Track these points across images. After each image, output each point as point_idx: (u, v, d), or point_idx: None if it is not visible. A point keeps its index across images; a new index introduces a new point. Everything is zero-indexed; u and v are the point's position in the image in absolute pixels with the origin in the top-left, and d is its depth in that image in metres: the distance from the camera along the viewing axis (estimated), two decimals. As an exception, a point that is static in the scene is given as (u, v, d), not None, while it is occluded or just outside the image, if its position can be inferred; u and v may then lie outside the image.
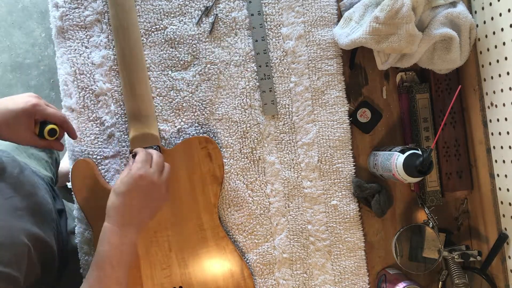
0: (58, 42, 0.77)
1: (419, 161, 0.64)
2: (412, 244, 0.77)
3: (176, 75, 0.78)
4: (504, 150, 0.71)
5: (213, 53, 0.78)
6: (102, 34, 0.77)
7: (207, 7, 0.77)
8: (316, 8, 0.78)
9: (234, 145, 0.78)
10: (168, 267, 0.74)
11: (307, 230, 0.79)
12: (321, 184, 0.79)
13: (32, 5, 1.52)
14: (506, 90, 0.69)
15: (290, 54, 0.78)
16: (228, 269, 0.75)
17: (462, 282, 0.73)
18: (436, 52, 0.74)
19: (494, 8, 0.70)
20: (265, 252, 0.79)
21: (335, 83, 0.79)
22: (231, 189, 0.78)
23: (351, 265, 0.79)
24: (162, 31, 0.77)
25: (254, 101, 0.78)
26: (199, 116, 0.78)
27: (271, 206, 0.79)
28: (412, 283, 0.73)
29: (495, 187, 0.75)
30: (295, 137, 0.79)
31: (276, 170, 0.79)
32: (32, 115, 0.64)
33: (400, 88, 0.80)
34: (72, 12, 0.76)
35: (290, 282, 0.79)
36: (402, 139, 0.81)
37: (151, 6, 0.77)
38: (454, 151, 0.78)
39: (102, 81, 0.76)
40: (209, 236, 0.75)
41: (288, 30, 0.78)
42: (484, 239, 0.78)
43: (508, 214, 0.72)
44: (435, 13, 0.72)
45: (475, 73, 0.76)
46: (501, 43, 0.68)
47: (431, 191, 0.78)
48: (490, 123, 0.74)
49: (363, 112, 0.79)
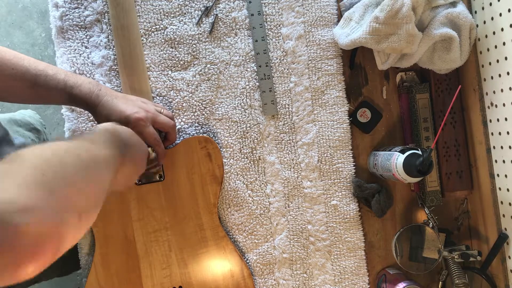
0: (58, 42, 0.77)
1: (419, 161, 0.64)
2: (412, 244, 0.77)
3: (176, 75, 0.78)
4: (504, 150, 0.71)
5: (213, 53, 0.78)
6: (102, 34, 0.77)
7: (207, 7, 0.77)
8: (316, 8, 0.78)
9: (234, 145, 0.78)
10: (167, 267, 0.74)
11: (307, 230, 0.79)
12: (321, 184, 0.79)
13: (32, 5, 1.52)
14: (506, 90, 0.69)
15: (290, 54, 0.78)
16: (228, 269, 0.75)
17: (462, 282, 0.73)
18: (436, 52, 0.74)
19: (494, 8, 0.70)
20: (265, 252, 0.79)
21: (335, 83, 0.79)
22: (231, 189, 0.78)
23: (351, 265, 0.79)
24: (162, 31, 0.77)
25: (254, 101, 0.78)
26: (199, 116, 0.78)
27: (271, 206, 0.79)
28: (412, 283, 0.73)
29: (495, 187, 0.75)
30: (295, 137, 0.79)
31: (276, 170, 0.79)
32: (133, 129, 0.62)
33: (400, 88, 0.80)
34: (72, 12, 0.76)
35: (290, 282, 0.79)
36: (402, 139, 0.81)
37: (151, 6, 0.77)
38: (454, 151, 0.78)
39: (102, 81, 0.76)
40: (208, 236, 0.75)
41: (288, 30, 0.78)
42: (484, 239, 0.78)
43: (508, 214, 0.72)
44: (435, 13, 0.72)
45: (475, 73, 0.76)
46: (501, 43, 0.68)
47: (431, 191, 0.78)
48: (490, 123, 0.74)
49: (363, 112, 0.79)
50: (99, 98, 0.65)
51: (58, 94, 0.64)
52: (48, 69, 0.63)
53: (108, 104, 0.65)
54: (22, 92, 0.63)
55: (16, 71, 0.61)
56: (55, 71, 0.64)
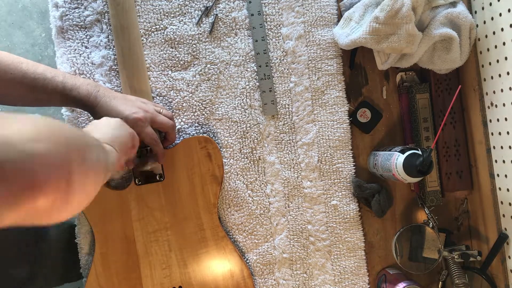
0: (58, 42, 0.77)
1: (419, 161, 0.64)
2: (412, 244, 0.77)
3: (176, 75, 0.78)
4: (504, 150, 0.71)
5: (213, 53, 0.78)
6: (102, 34, 0.77)
7: (207, 7, 0.77)
8: (316, 8, 0.78)
9: (234, 145, 0.78)
10: (167, 267, 0.74)
11: (307, 230, 0.79)
12: (321, 184, 0.79)
13: (32, 5, 1.52)
14: (506, 90, 0.69)
15: (290, 54, 0.78)
16: (228, 269, 0.75)
17: (462, 282, 0.73)
18: (436, 52, 0.74)
19: (494, 8, 0.70)
20: (265, 252, 0.78)
21: (335, 83, 0.79)
22: (231, 189, 0.78)
23: (351, 265, 0.79)
24: (162, 31, 0.77)
25: (254, 101, 0.78)
26: (199, 116, 0.78)
27: (271, 206, 0.79)
28: (412, 283, 0.73)
29: (495, 187, 0.75)
30: (295, 137, 0.79)
31: (276, 170, 0.79)
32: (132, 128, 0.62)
33: (400, 88, 0.80)
34: (72, 12, 0.76)
35: (290, 282, 0.79)
36: (402, 139, 0.81)
37: (151, 6, 0.77)
38: (454, 151, 0.78)
39: (102, 81, 0.76)
40: (208, 236, 0.75)
41: (288, 30, 0.78)
42: (484, 239, 0.78)
43: (508, 214, 0.72)
44: (435, 13, 0.72)
45: (475, 73, 0.76)
46: (501, 43, 0.68)
47: (431, 191, 0.78)
48: (490, 123, 0.74)
49: (363, 112, 0.79)
50: (97, 99, 0.65)
51: (57, 97, 0.64)
52: (47, 72, 0.63)
53: (106, 105, 0.65)
54: (22, 96, 0.63)
55: (14, 76, 0.61)
56: (53, 73, 0.64)
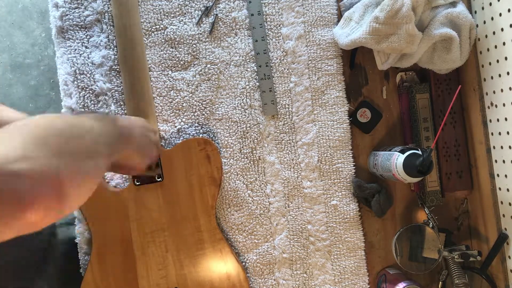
0: (58, 42, 0.77)
1: (419, 161, 0.64)
2: (412, 244, 0.77)
3: (176, 75, 0.78)
4: (504, 150, 0.71)
5: (213, 53, 0.78)
6: (102, 34, 0.77)
7: (207, 7, 0.77)
8: (316, 8, 0.78)
9: (234, 145, 0.78)
10: (164, 268, 0.74)
11: (307, 230, 0.79)
12: (321, 184, 0.79)
13: (32, 5, 1.52)
14: (506, 90, 0.69)
15: (290, 54, 0.78)
16: (224, 272, 0.75)
17: (462, 282, 0.73)
18: (436, 52, 0.74)
19: (494, 8, 0.70)
20: (265, 252, 0.78)
21: (335, 83, 0.79)
22: (231, 189, 0.78)
23: (351, 265, 0.79)
24: (162, 31, 0.77)
25: (254, 101, 0.78)
26: (199, 116, 0.78)
27: (271, 206, 0.79)
28: (412, 283, 0.73)
29: (495, 187, 0.75)
30: (295, 137, 0.79)
31: (276, 170, 0.79)
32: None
33: (400, 88, 0.80)
34: (72, 12, 0.76)
35: (290, 282, 0.79)
36: (402, 139, 0.81)
37: (151, 6, 0.77)
38: (454, 151, 0.78)
39: (102, 81, 0.76)
40: (205, 238, 0.75)
41: (288, 30, 0.78)
42: (484, 239, 0.78)
43: (508, 214, 0.72)
44: (435, 13, 0.72)
45: (475, 73, 0.76)
46: (501, 43, 0.68)
47: (431, 191, 0.78)
48: (490, 123, 0.74)
49: (363, 112, 0.79)
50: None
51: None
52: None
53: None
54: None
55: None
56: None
